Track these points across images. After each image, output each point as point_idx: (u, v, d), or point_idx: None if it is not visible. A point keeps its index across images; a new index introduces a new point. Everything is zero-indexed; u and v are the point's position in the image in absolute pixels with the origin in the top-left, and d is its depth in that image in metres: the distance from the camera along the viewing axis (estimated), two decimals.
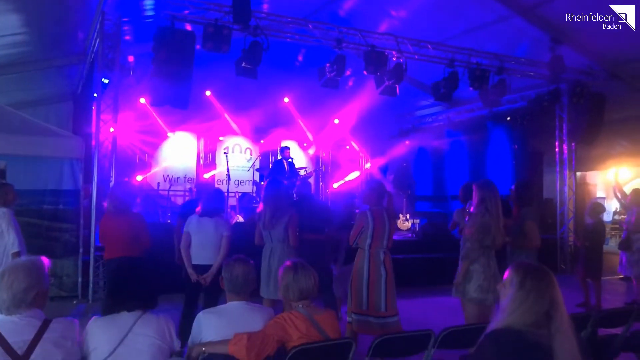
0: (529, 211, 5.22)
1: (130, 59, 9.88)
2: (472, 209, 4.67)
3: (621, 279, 9.28)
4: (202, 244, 4.79)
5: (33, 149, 7.01)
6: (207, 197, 4.99)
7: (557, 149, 11.77)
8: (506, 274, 2.24)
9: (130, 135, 12.29)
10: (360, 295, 4.57)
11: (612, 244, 12.88)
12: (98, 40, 7.88)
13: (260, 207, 5.15)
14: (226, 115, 13.32)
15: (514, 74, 10.24)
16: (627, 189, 12.43)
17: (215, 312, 2.89)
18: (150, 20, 8.03)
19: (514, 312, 2.11)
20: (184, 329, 4.06)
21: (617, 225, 13.13)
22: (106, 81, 8.10)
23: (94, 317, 2.50)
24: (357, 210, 6.60)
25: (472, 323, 4.37)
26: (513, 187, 5.56)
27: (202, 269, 4.77)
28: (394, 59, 9.19)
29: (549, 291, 2.11)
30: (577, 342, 2.06)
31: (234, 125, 13.71)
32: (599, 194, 13.94)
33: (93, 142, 7.86)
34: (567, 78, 10.63)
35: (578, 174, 12.38)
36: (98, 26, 7.81)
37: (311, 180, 12.26)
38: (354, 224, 4.73)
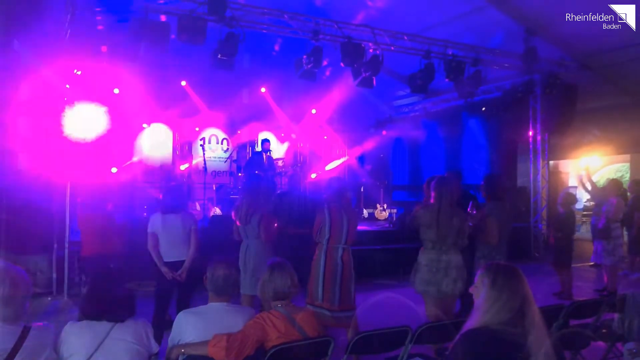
0: (494, 206, 5.13)
1: (104, 49, 9.65)
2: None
3: (591, 266, 9.51)
4: (171, 241, 4.74)
5: None
6: (168, 194, 4.96)
7: (530, 139, 11.99)
8: (477, 275, 2.30)
9: None
10: (316, 289, 4.62)
11: (583, 231, 13.19)
12: (69, 30, 7.68)
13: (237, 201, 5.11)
14: (202, 105, 13.15)
15: (489, 65, 10.33)
16: (598, 177, 12.75)
17: (195, 313, 2.89)
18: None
19: (488, 311, 2.16)
20: (156, 326, 4.02)
21: (590, 212, 13.43)
22: (79, 72, 7.93)
23: (69, 322, 2.47)
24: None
25: (440, 319, 4.43)
26: (482, 181, 5.52)
27: (175, 265, 4.73)
28: (370, 50, 9.18)
29: (520, 288, 2.17)
30: (549, 336, 2.13)
31: (210, 116, 13.55)
32: (572, 182, 14.22)
33: None
34: (541, 69, 10.78)
35: (551, 162, 12.63)
36: (69, 17, 7.61)
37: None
38: (315, 221, 4.74)
